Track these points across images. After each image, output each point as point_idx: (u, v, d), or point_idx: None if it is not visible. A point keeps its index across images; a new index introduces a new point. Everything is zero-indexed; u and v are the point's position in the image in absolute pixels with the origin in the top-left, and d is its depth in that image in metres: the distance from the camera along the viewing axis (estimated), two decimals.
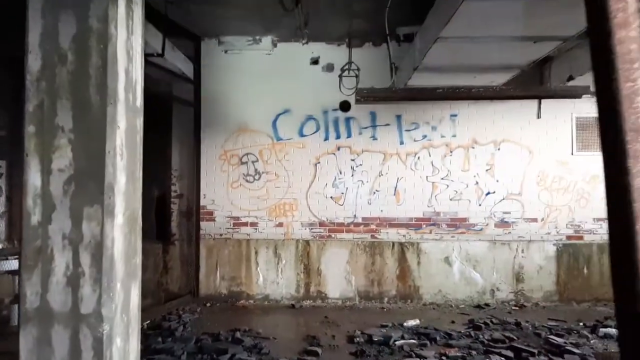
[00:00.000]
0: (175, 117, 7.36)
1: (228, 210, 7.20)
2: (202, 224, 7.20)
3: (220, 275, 7.12)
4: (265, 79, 7.24)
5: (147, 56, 5.83)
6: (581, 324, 5.85)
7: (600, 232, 6.99)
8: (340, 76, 6.39)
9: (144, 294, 6.99)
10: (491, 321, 5.93)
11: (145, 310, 6.48)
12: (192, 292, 7.08)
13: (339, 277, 7.00)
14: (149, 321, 6.03)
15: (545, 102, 7.03)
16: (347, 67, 6.31)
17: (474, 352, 4.85)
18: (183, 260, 7.25)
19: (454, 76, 6.07)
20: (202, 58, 7.27)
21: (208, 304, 6.91)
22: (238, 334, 5.38)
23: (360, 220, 7.08)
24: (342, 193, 7.12)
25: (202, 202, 7.22)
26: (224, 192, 7.22)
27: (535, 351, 4.77)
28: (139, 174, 2.88)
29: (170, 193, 7.31)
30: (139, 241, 2.86)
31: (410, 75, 5.93)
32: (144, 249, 6.99)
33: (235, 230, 7.18)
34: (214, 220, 7.21)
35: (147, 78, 6.77)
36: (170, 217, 7.29)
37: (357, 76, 6.22)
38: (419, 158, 7.12)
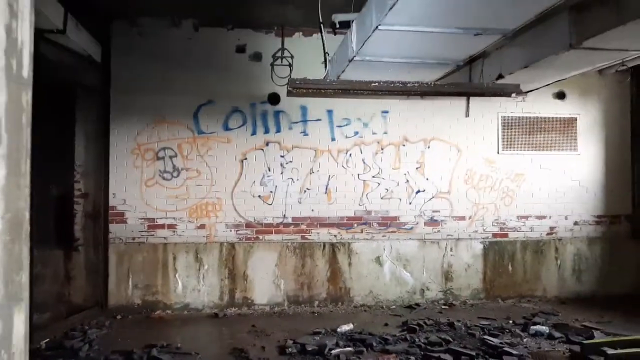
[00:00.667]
0: (79, 105, 6.47)
1: (142, 211, 6.46)
2: (112, 227, 6.40)
3: (132, 284, 6.36)
4: (185, 66, 6.59)
5: (45, 32, 4.99)
6: (511, 321, 5.89)
7: (523, 230, 7.16)
8: (272, 64, 5.92)
9: (42, 309, 6.06)
10: (425, 322, 5.79)
11: (43, 328, 5.61)
12: (99, 304, 6.26)
13: (266, 282, 6.53)
14: (47, 340, 5.20)
15: (473, 101, 7.07)
16: (279, 53, 5.85)
17: (412, 358, 4.64)
18: (89, 268, 6.39)
19: (388, 72, 5.86)
20: (113, 40, 6.46)
21: (119, 317, 6.13)
22: (154, 351, 4.75)
23: (290, 221, 6.67)
24: (271, 192, 6.66)
25: (111, 202, 6.41)
26: (137, 190, 6.46)
27: (474, 353, 4.66)
28: (26, 166, 2.23)
29: (73, 192, 6.41)
30: (25, 251, 2.22)
31: (345, 67, 5.61)
32: (41, 256, 6.06)
33: (150, 234, 6.46)
34: (125, 222, 6.43)
35: (46, 60, 5.88)
36: (72, 219, 6.39)
37: (290, 65, 5.80)
38: (350, 155, 6.85)
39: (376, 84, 5.60)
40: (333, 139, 6.82)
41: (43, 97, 6.46)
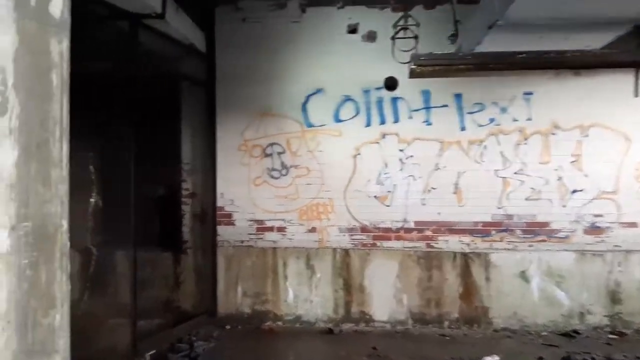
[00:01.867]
0: (184, 99, 6.13)
1: (250, 212, 5.95)
2: (220, 229, 5.98)
3: (241, 291, 5.88)
4: (292, 52, 5.94)
5: (143, 17, 4.60)
6: None
7: None
8: (393, 37, 4.98)
9: (150, 315, 5.82)
10: (593, 359, 4.51)
11: (149, 337, 5.32)
12: (208, 312, 5.88)
13: (386, 295, 5.66)
14: (153, 351, 4.86)
15: None
16: (401, 22, 4.89)
17: None
18: (197, 272, 6.05)
19: (539, 38, 4.64)
20: (216, 26, 6.01)
21: (228, 327, 5.69)
22: None
23: (412, 225, 5.72)
24: (389, 191, 5.77)
25: (219, 203, 5.99)
26: (244, 190, 5.97)
27: None
28: (62, 152, 1.56)
29: (181, 192, 6.10)
30: (60, 277, 1.56)
31: (481, 37, 4.52)
32: (149, 259, 5.82)
33: (259, 237, 5.93)
34: (233, 224, 5.97)
35: (147, 50, 5.57)
36: (181, 220, 6.08)
37: (416, 37, 4.83)
38: (485, 147, 5.70)
39: (523, 55, 4.45)
40: (463, 128, 5.72)
41: (148, 91, 6.25)
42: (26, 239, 1.25)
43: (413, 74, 4.56)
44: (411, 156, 5.77)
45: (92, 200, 6.17)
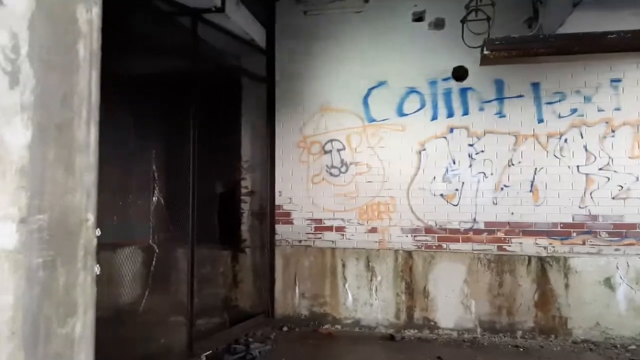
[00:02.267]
0: (245, 96, 6.05)
1: (308, 211, 5.77)
2: (278, 228, 5.84)
3: (299, 292, 5.71)
4: (354, 44, 5.69)
5: (203, 12, 4.52)
6: None
7: None
8: (463, 19, 4.61)
9: (208, 314, 5.78)
10: None
11: (207, 336, 5.27)
12: (266, 312, 5.74)
13: (453, 301, 5.28)
14: (210, 352, 4.78)
15: None
16: (474, 3, 4.50)
17: None
18: (255, 271, 5.94)
19: (630, 15, 4.11)
20: (277, 20, 5.88)
21: (285, 328, 5.53)
22: None
23: (482, 226, 5.30)
24: (457, 189, 5.38)
25: (277, 201, 5.85)
26: (303, 188, 5.79)
27: None
28: (89, 135, 1.40)
29: (240, 189, 6.02)
30: (84, 279, 1.39)
31: (566, 16, 4.06)
32: (209, 257, 5.78)
33: (317, 237, 5.73)
34: (291, 223, 5.81)
35: (207, 46, 5.55)
36: (240, 219, 6.00)
37: (489, 19, 4.43)
38: (566, 141, 5.17)
39: (613, 36, 3.95)
40: (540, 120, 5.23)
41: (208, 87, 6.22)
42: (40, 235, 1.07)
43: (485, 61, 4.17)
44: (482, 151, 5.34)
45: (154, 197, 6.23)
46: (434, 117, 5.48)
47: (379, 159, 5.60)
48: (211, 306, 5.86)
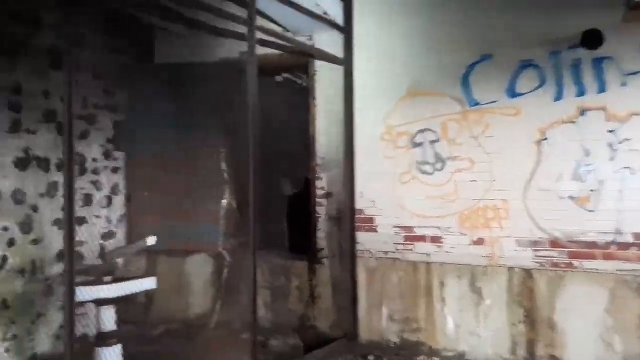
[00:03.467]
0: (319, 81, 5.18)
1: (396, 216, 4.80)
2: (360, 236, 4.94)
3: (387, 314, 4.78)
4: (448, 13, 4.60)
5: None
6: None
7: None
8: None
9: (283, 332, 5.01)
10: None
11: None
12: (348, 336, 4.88)
13: (589, 336, 4.06)
14: None
15: None
16: None
17: None
18: (335, 287, 5.09)
19: None
20: None
21: (371, 357, 4.63)
22: None
23: (629, 239, 4.00)
24: (592, 190, 4.12)
25: (358, 204, 4.95)
26: (389, 189, 4.83)
27: None
28: None
29: (315, 191, 5.18)
30: None
31: None
32: (282, 268, 4.93)
33: (407, 248, 4.75)
34: (375, 230, 4.88)
35: (277, 25, 4.71)
36: (316, 225, 5.17)
37: None
38: None
39: None
40: None
41: (277, 73, 5.41)
42: None
43: (631, 17, 2.93)
44: (626, 140, 4.04)
45: (224, 201, 5.61)
46: (559, 97, 4.25)
47: (485, 152, 4.48)
48: (285, 325, 5.12)
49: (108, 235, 5.49)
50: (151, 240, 4.11)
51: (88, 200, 5.27)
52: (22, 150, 4.54)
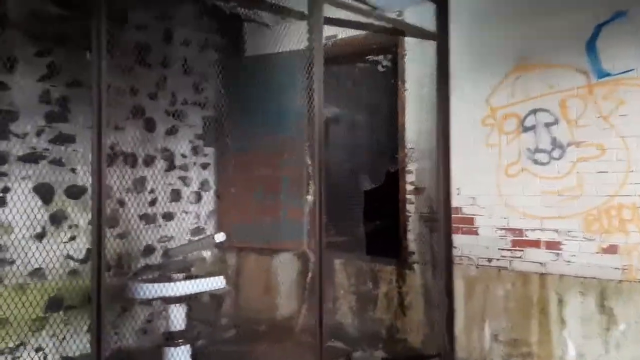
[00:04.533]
0: (408, 59, 4.55)
1: (501, 216, 3.99)
2: (457, 239, 4.21)
3: (490, 333, 3.99)
4: None
5: None
6: None
7: None
8: None
9: (370, 343, 4.45)
10: None
11: None
12: (441, 354, 4.19)
13: None
14: None
15: None
16: None
17: None
18: (427, 297, 4.42)
19: None
20: None
21: None
22: None
23: None
24: None
25: (454, 202, 4.23)
26: (492, 183, 4.04)
27: None
28: None
29: (404, 185, 4.56)
30: None
31: None
32: (366, 271, 4.26)
33: (515, 255, 3.91)
34: (475, 233, 4.12)
35: None
36: (405, 224, 4.55)
37: None
38: None
39: None
40: None
41: (359, 53, 4.86)
42: None
43: None
44: None
45: (309, 197, 5.25)
46: None
47: (619, 135, 3.49)
48: (371, 335, 4.58)
49: (197, 231, 5.44)
50: (219, 237, 3.89)
51: (176, 195, 5.25)
52: (108, 146, 4.62)
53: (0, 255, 3.84)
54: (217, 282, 3.81)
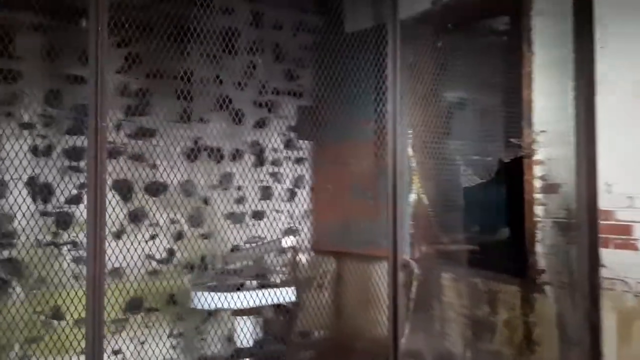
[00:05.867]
0: (536, 10, 3.44)
1: None
2: (606, 255, 3.01)
3: None
4: None
5: None
6: None
7: None
8: None
9: None
10: None
11: None
12: None
13: None
14: None
15: None
16: None
17: None
18: (563, 330, 3.27)
19: None
20: None
21: None
22: None
23: None
24: None
25: (602, 203, 3.03)
26: None
27: None
28: None
29: (532, 181, 3.46)
30: None
31: None
32: (480, 290, 3.12)
33: None
34: (634, 247, 2.89)
35: None
36: (533, 232, 3.45)
37: None
38: None
39: None
40: None
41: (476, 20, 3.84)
42: None
43: None
44: None
45: (412, 195, 4.44)
46: None
47: None
48: None
49: (290, 232, 4.95)
50: (288, 241, 3.31)
51: (267, 193, 4.83)
52: (191, 140, 4.36)
53: (77, 253, 3.75)
54: (287, 294, 3.23)
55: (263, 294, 3.12)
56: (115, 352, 3.87)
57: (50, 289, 3.50)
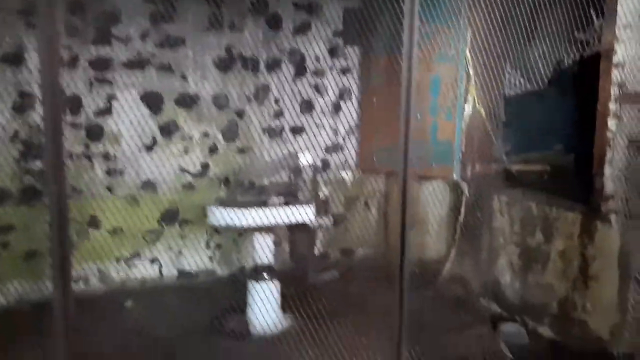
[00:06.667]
0: None
1: None
2: None
3: None
4: None
5: None
6: None
7: None
8: None
9: (533, 314, 3.06)
10: None
11: None
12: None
13: None
14: None
15: None
16: None
17: None
18: (625, 267, 2.77)
19: None
20: None
21: None
22: None
23: None
24: None
25: None
26: None
27: None
28: None
29: (606, 87, 2.80)
30: None
31: None
32: (540, 216, 2.90)
33: None
34: None
35: None
36: (602, 152, 2.86)
37: None
38: None
39: None
40: None
41: None
42: None
43: None
44: None
45: (467, 106, 3.93)
46: None
47: None
48: (533, 304, 3.26)
49: (333, 149, 4.65)
50: (305, 159, 3.02)
51: (308, 107, 4.50)
52: (223, 49, 4.07)
53: (110, 165, 3.76)
54: (305, 214, 3.01)
55: (279, 212, 2.92)
56: (152, 261, 3.96)
57: (82, 200, 3.56)
